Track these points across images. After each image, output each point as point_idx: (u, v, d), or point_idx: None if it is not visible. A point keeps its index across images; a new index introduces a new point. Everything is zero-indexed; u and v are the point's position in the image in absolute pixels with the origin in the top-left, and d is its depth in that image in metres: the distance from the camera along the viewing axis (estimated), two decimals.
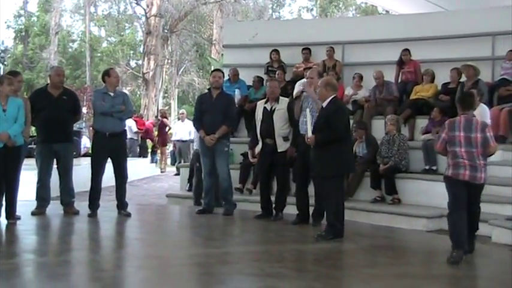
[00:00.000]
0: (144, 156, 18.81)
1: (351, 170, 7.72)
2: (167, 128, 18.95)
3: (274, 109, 8.10)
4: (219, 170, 8.47)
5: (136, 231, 7.76)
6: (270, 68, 12.07)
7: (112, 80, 8.29)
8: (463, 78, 10.25)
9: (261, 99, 9.05)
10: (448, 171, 6.04)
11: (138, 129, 18.35)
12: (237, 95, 11.30)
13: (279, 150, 8.02)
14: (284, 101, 8.17)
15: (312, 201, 7.87)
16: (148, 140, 19.78)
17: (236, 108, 9.13)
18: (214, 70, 9.14)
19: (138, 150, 18.63)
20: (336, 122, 6.72)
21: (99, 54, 41.88)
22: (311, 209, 7.89)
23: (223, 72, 8.98)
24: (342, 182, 7.14)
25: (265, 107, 8.19)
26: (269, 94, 8.29)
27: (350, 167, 7.17)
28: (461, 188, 5.90)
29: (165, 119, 19.37)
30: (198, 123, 8.60)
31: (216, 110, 8.36)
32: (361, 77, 11.22)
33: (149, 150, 19.92)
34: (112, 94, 8.24)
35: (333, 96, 6.89)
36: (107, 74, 8.38)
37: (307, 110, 7.47)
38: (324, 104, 6.91)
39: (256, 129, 8.27)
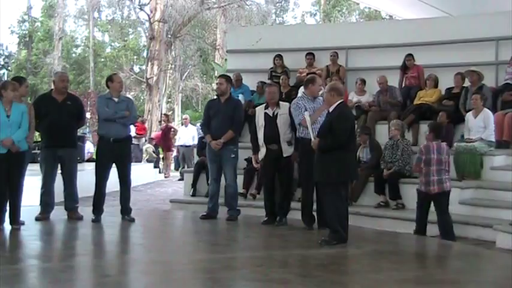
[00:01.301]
0: (156, 166, 18.77)
1: (352, 178, 7.67)
2: (172, 131, 18.92)
3: (277, 114, 8.09)
4: (225, 176, 8.47)
5: (140, 237, 7.76)
6: (273, 73, 12.09)
7: (115, 86, 8.31)
8: (467, 83, 10.27)
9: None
10: (421, 187, 7.75)
11: (137, 134, 18.35)
12: (241, 100, 11.31)
13: (284, 155, 8.02)
14: (285, 106, 8.16)
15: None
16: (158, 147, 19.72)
17: (243, 114, 9.10)
18: (218, 76, 9.10)
19: (141, 155, 18.64)
20: (338, 129, 6.69)
21: (102, 60, 41.95)
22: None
23: (228, 77, 8.96)
24: (344, 188, 7.09)
25: (266, 113, 8.17)
26: (269, 100, 8.26)
27: (352, 174, 7.13)
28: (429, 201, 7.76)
29: (169, 124, 19.40)
30: (205, 129, 8.61)
31: (223, 115, 8.36)
32: (364, 82, 11.23)
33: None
34: (116, 100, 8.26)
35: (339, 102, 6.88)
36: (110, 79, 8.40)
37: (306, 113, 7.47)
38: (330, 109, 6.90)
39: (256, 135, 8.25)
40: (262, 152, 8.18)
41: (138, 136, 18.61)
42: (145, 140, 19.97)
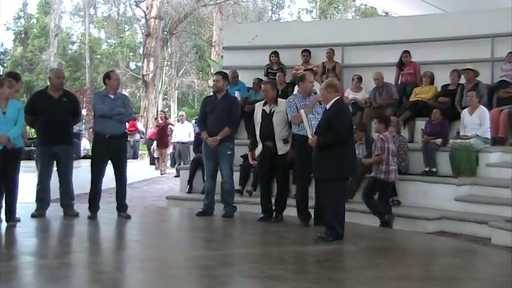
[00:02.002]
0: (152, 164, 18.74)
1: (352, 174, 7.69)
2: (170, 130, 18.87)
3: (273, 111, 8.09)
4: (221, 172, 8.47)
5: (136, 233, 7.76)
6: (269, 70, 12.08)
7: (113, 83, 8.29)
8: (463, 80, 10.27)
9: (261, 101, 9.04)
10: (381, 175, 8.06)
11: (128, 131, 18.27)
12: (237, 97, 11.30)
13: (279, 153, 8.01)
14: (283, 103, 8.15)
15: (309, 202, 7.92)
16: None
17: (240, 110, 9.09)
18: (215, 73, 9.09)
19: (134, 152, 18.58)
20: (337, 125, 6.69)
21: (98, 56, 41.88)
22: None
23: (225, 74, 8.95)
24: (343, 185, 7.12)
25: (263, 110, 8.18)
26: (264, 97, 8.30)
27: (351, 170, 7.14)
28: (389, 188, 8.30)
29: (168, 120, 19.36)
30: (202, 125, 8.61)
31: (219, 112, 8.36)
32: (360, 79, 11.21)
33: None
34: (112, 96, 8.24)
35: (336, 98, 6.88)
36: (107, 76, 8.37)
37: (302, 111, 7.47)
38: (327, 106, 6.90)
39: (255, 131, 8.27)
40: (259, 148, 8.20)
41: (129, 133, 18.54)
42: (141, 137, 19.91)
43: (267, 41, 12.41)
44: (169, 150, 19.75)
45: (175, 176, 15.75)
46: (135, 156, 18.33)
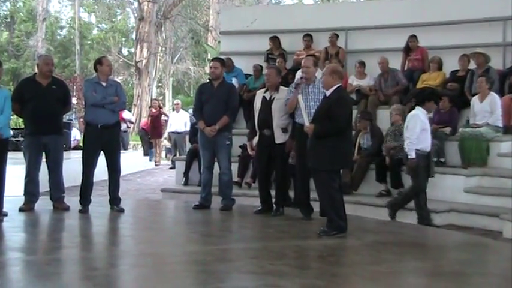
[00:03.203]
0: (146, 154, 18.76)
1: (346, 166, 7.69)
2: (164, 118, 18.87)
3: (273, 98, 8.09)
4: (219, 163, 8.47)
5: (129, 228, 7.77)
6: (270, 56, 12.07)
7: (104, 69, 8.28)
8: (473, 66, 10.26)
9: (260, 88, 9.05)
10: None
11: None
12: (234, 84, 11.29)
13: (276, 142, 8.01)
14: (284, 91, 8.15)
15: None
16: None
17: (238, 98, 9.08)
18: (212, 59, 9.06)
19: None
20: (337, 114, 6.67)
21: (89, 42, 41.77)
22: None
23: (222, 60, 8.94)
24: (337, 176, 7.09)
25: (264, 97, 8.19)
26: (266, 82, 8.30)
27: (346, 162, 7.13)
28: None
29: (162, 110, 19.35)
30: (198, 114, 8.60)
31: (217, 100, 8.35)
32: (363, 65, 11.19)
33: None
34: (104, 84, 8.23)
35: (337, 86, 6.87)
36: (99, 62, 8.36)
37: (299, 96, 7.47)
38: (328, 93, 6.88)
39: (254, 120, 8.27)
40: (257, 138, 8.20)
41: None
42: (127, 127, 19.87)
43: (267, 26, 12.40)
44: (164, 140, 19.75)
45: (171, 168, 15.77)
46: (123, 148, 18.32)
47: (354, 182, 9.47)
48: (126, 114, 18.62)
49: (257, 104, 8.22)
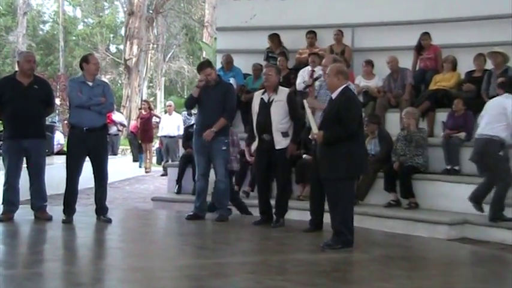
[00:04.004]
0: (136, 160, 18.79)
1: (363, 172, 7.71)
2: (156, 120, 18.88)
3: (272, 100, 8.09)
4: (215, 170, 8.48)
5: (117, 240, 7.76)
6: (270, 54, 12.09)
7: (91, 68, 8.28)
8: (490, 65, 10.28)
9: (260, 89, 9.06)
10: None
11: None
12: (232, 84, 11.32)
13: (276, 148, 8.01)
14: (284, 92, 8.16)
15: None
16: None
17: (236, 98, 9.09)
18: (200, 66, 8.80)
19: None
20: (347, 116, 6.67)
21: (74, 38, 41.86)
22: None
23: (209, 62, 8.97)
24: (353, 185, 7.14)
25: (262, 98, 8.18)
26: (264, 82, 8.29)
27: (362, 167, 7.14)
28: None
29: (153, 112, 19.38)
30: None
31: (213, 102, 8.35)
32: (371, 64, 11.21)
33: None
34: (90, 84, 8.24)
35: (344, 86, 6.87)
36: (85, 60, 8.36)
37: (304, 101, 7.48)
38: (334, 95, 6.87)
39: (253, 124, 8.28)
40: (255, 143, 8.21)
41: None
42: (118, 130, 19.90)
43: (267, 21, 12.42)
44: (155, 145, 19.76)
45: (162, 175, 15.78)
46: (113, 153, 18.33)
47: (360, 191, 9.48)
48: (117, 117, 18.67)
49: (255, 106, 8.22)
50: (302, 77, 11.14)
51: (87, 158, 8.25)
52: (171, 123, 17.50)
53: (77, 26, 43.20)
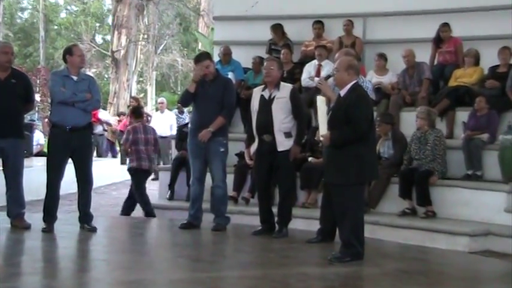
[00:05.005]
0: (124, 163, 18.81)
1: (374, 177, 7.72)
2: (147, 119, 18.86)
3: (274, 97, 8.10)
4: (212, 175, 8.49)
5: (103, 251, 7.77)
6: (273, 47, 12.10)
7: (75, 60, 8.28)
8: None
9: (261, 85, 9.07)
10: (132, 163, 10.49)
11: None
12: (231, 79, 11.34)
13: (279, 149, 8.02)
14: (286, 88, 8.16)
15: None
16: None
17: (235, 95, 9.10)
18: (198, 57, 8.84)
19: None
20: (357, 116, 6.65)
21: (56, 27, 41.91)
22: None
23: (208, 54, 8.98)
24: (363, 191, 7.15)
25: (262, 95, 8.19)
26: (265, 77, 8.28)
27: (373, 172, 7.15)
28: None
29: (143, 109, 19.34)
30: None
31: (210, 98, 8.36)
32: (384, 58, 11.19)
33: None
34: (75, 78, 8.24)
35: (354, 82, 6.87)
36: (69, 52, 8.36)
37: (318, 97, 7.47)
38: (343, 93, 6.86)
39: (252, 123, 8.28)
40: (255, 144, 8.21)
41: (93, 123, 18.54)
42: (104, 130, 19.92)
43: (270, 10, 12.43)
44: None
45: (153, 179, 15.78)
46: (98, 155, 18.34)
47: (372, 198, 9.48)
48: (102, 115, 18.70)
49: (254, 104, 8.22)
50: (308, 72, 11.16)
51: (70, 160, 8.26)
52: (163, 122, 17.49)
53: (59, 13, 43.23)
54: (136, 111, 11.41)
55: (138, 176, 10.59)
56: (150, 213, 10.38)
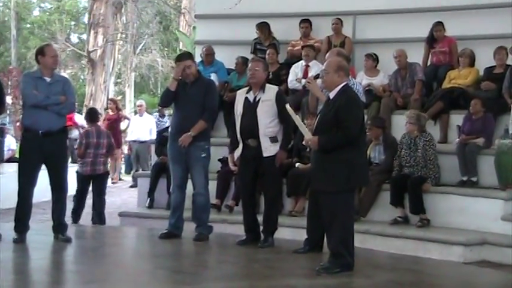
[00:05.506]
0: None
1: (364, 183, 7.73)
2: (126, 123, 18.85)
3: (259, 100, 8.10)
4: (193, 181, 8.48)
5: (78, 262, 7.75)
6: (258, 46, 12.11)
7: (48, 61, 8.26)
8: None
9: (245, 87, 9.07)
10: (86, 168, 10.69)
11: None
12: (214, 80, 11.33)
13: (264, 155, 8.02)
14: (272, 90, 8.16)
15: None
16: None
17: (217, 97, 9.10)
18: (180, 57, 8.85)
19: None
20: (347, 119, 6.65)
21: (28, 26, 41.71)
22: None
23: (190, 54, 8.97)
24: (353, 198, 7.15)
25: (246, 98, 8.19)
26: (250, 79, 8.29)
27: (363, 178, 7.16)
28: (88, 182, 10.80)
29: (121, 112, 19.34)
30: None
31: (191, 100, 8.35)
32: (371, 57, 11.20)
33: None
34: (48, 80, 8.22)
35: (343, 84, 6.87)
36: (41, 52, 8.34)
37: (287, 105, 7.49)
38: (332, 95, 6.85)
39: (236, 127, 8.28)
40: (239, 149, 8.21)
41: (69, 127, 18.47)
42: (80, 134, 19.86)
43: (255, 8, 12.43)
44: (124, 151, 19.71)
45: (132, 186, 15.76)
46: (73, 160, 18.25)
47: (363, 206, 9.50)
48: (79, 118, 18.61)
49: (238, 107, 8.21)
50: (295, 73, 11.18)
51: (43, 167, 8.23)
52: (142, 126, 17.48)
53: (31, 11, 43.02)
54: (91, 115, 11.56)
55: (82, 180, 10.84)
56: (100, 222, 10.75)
